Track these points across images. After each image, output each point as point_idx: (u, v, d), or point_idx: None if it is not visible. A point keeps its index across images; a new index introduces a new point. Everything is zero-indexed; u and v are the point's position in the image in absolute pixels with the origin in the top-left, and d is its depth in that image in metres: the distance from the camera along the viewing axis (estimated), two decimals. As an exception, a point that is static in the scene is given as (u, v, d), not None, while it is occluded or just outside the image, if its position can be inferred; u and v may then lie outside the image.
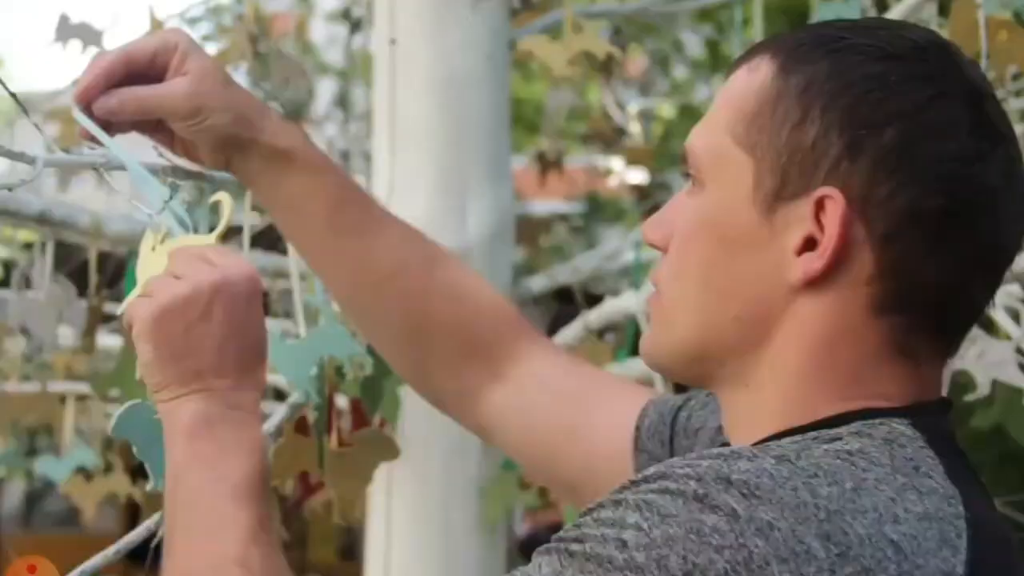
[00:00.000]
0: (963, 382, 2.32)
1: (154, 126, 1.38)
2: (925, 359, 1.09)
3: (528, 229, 6.37)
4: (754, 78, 1.11)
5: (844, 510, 0.95)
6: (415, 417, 2.92)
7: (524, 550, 1.17)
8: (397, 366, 1.46)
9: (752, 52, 1.13)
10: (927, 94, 1.06)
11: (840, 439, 1.02)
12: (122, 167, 1.33)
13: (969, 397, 2.31)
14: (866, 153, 1.05)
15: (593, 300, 3.14)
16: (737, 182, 1.09)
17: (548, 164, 4.25)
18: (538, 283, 3.28)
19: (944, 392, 2.16)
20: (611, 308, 2.97)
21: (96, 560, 1.48)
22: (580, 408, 1.43)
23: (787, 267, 1.07)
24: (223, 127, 1.35)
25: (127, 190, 1.37)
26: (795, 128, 1.07)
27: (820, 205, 1.06)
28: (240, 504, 1.14)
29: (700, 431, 1.34)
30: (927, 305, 1.07)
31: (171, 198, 1.30)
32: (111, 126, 1.33)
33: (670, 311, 1.13)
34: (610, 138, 5.22)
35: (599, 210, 6.61)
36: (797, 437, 1.03)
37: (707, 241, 1.11)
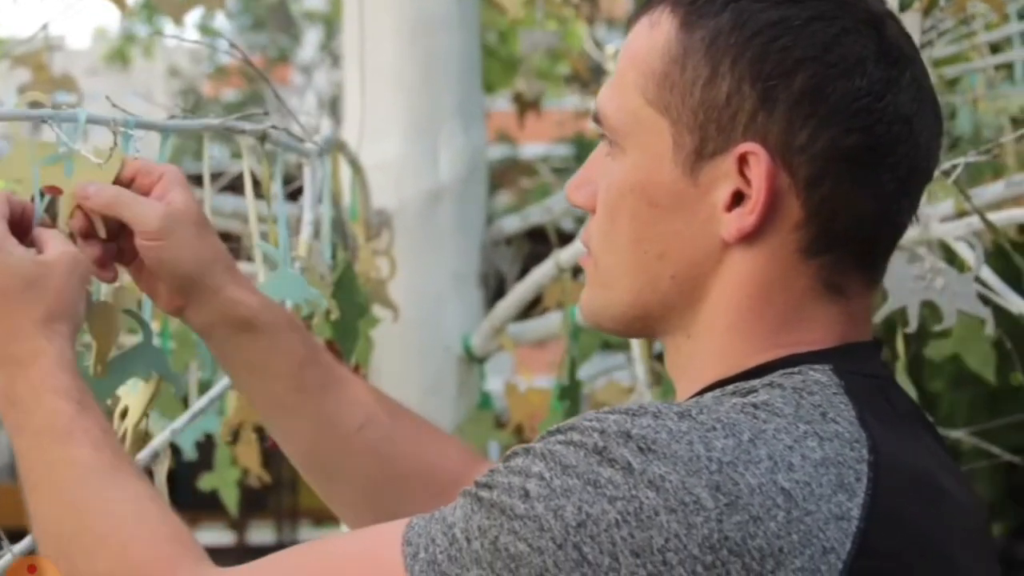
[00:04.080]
0: (929, 313, 2.34)
1: (122, 242, 1.34)
2: (854, 293, 1.11)
3: (514, 172, 6.37)
4: (657, 34, 1.11)
5: (737, 461, 0.98)
6: (389, 357, 2.95)
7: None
8: (362, 515, 1.40)
9: (650, 4, 1.13)
10: (830, 33, 1.06)
11: (754, 391, 1.04)
12: (72, 119, 1.34)
13: (936, 328, 2.33)
14: (780, 102, 1.06)
15: (566, 239, 3.15)
16: (656, 144, 1.10)
17: (526, 105, 4.24)
18: (511, 223, 3.29)
19: (912, 324, 2.20)
20: (583, 247, 2.98)
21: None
22: None
23: (718, 224, 1.08)
24: (186, 265, 1.31)
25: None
26: (706, 85, 1.07)
27: (743, 160, 1.07)
28: (64, 442, 1.18)
29: None
30: (855, 240, 1.09)
31: (115, 144, 1.31)
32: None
33: (605, 274, 1.15)
34: (589, 79, 5.20)
35: (585, 152, 6.61)
36: (717, 391, 1.06)
37: (635, 205, 1.11)
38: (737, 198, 1.08)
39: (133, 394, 1.45)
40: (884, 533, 0.99)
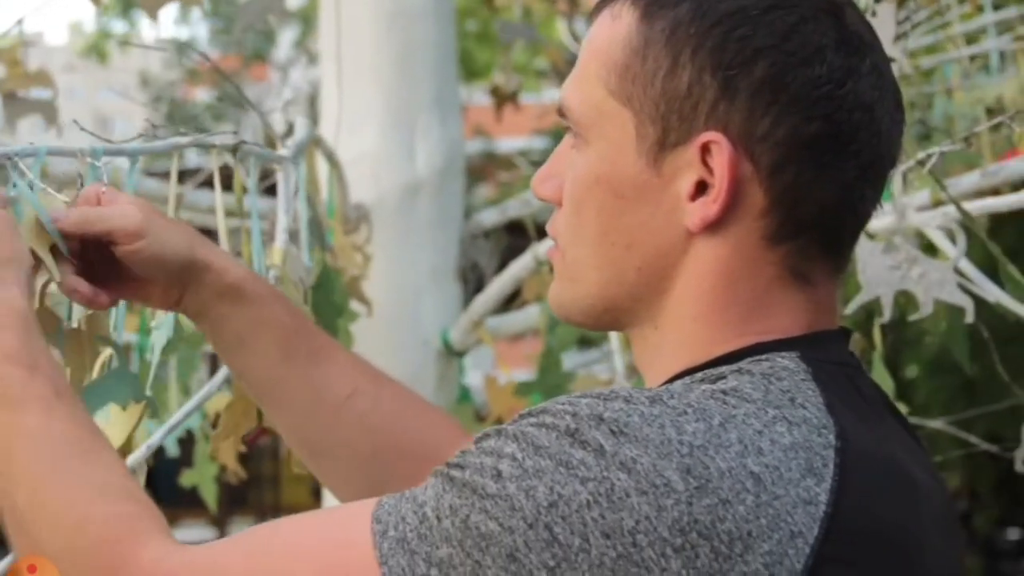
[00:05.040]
0: (905, 302, 2.35)
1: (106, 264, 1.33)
2: (820, 281, 1.11)
3: (493, 166, 6.38)
4: (618, 26, 1.11)
5: (708, 445, 0.99)
6: (368, 352, 2.94)
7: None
8: (356, 491, 1.40)
9: None
10: (789, 22, 1.07)
11: (723, 378, 1.05)
12: (33, 154, 1.31)
13: (913, 317, 2.34)
14: (741, 91, 1.06)
15: (544, 232, 3.14)
16: (620, 136, 1.11)
17: (503, 98, 4.24)
18: (489, 216, 3.29)
19: (887, 314, 2.21)
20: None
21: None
22: None
23: (682, 214, 1.09)
24: (175, 249, 1.32)
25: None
26: (667, 75, 1.08)
27: (706, 149, 1.07)
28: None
29: None
30: (819, 227, 1.09)
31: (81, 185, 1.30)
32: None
33: (573, 268, 1.15)
34: (567, 72, 5.20)
35: (563, 145, 6.60)
36: (687, 379, 1.07)
37: (600, 197, 1.12)
38: (701, 188, 1.08)
39: (107, 421, 1.43)
40: (851, 518, 1.00)
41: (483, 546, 0.99)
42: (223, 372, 1.80)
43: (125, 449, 1.46)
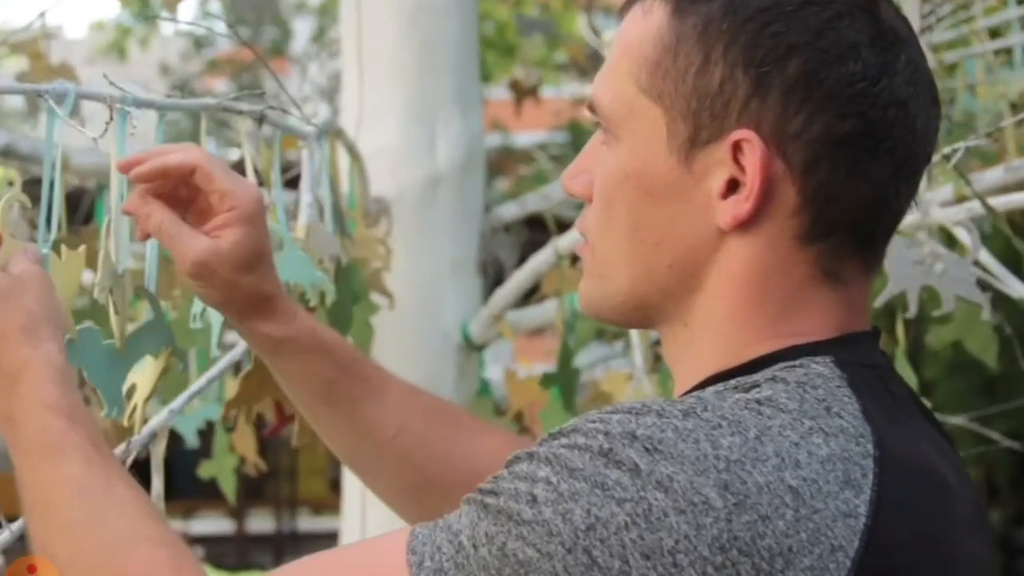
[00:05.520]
0: (928, 298, 2.34)
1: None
2: (852, 280, 1.10)
3: (511, 160, 6.37)
4: (649, 22, 1.10)
5: (744, 459, 0.97)
6: (388, 345, 2.94)
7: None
8: (407, 516, 1.44)
9: None
10: (823, 18, 1.06)
11: (757, 386, 1.04)
12: (64, 93, 1.34)
13: (936, 313, 2.33)
14: (774, 88, 1.05)
15: (564, 226, 3.14)
16: (651, 133, 1.10)
17: (523, 92, 4.24)
18: (509, 210, 3.29)
19: (913, 309, 2.20)
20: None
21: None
22: None
23: (714, 212, 1.08)
24: (214, 301, 1.35)
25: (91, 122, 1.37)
26: (699, 72, 1.07)
27: (737, 147, 1.06)
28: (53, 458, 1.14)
29: None
30: (853, 226, 1.08)
31: (111, 119, 1.31)
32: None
33: (603, 265, 1.14)
34: (587, 67, 5.20)
35: (582, 140, 6.60)
36: (720, 385, 1.05)
37: (631, 194, 1.11)
38: (732, 186, 1.07)
39: (140, 371, 1.44)
40: (890, 529, 0.99)
41: (522, 573, 0.98)
42: (232, 355, 1.80)
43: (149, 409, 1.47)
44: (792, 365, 1.05)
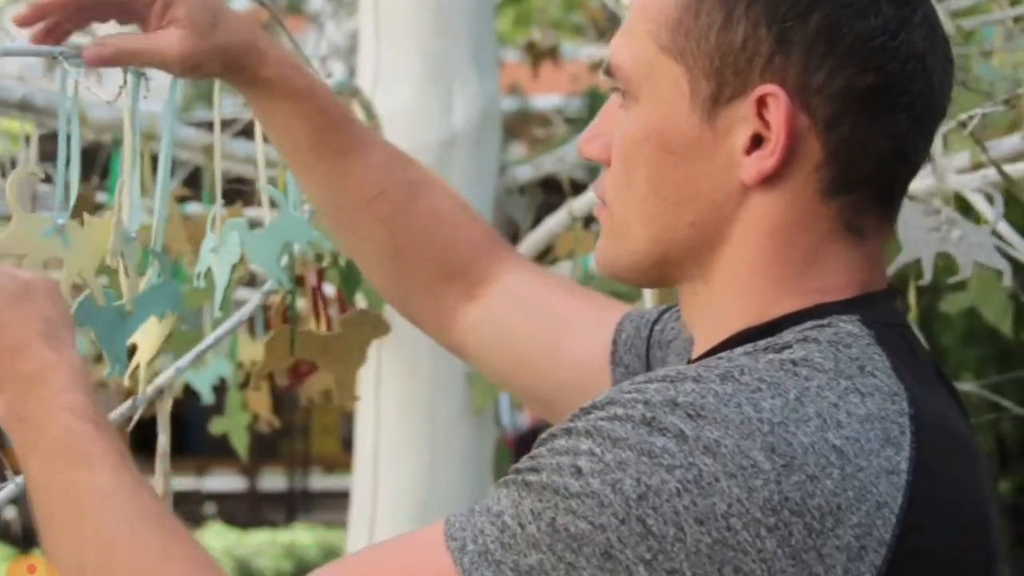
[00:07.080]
0: (942, 266, 2.34)
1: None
2: (872, 233, 1.10)
3: (528, 124, 6.36)
4: None
5: (788, 421, 0.97)
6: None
7: (526, 443, 1.20)
8: (378, 286, 1.48)
9: None
10: None
11: (789, 347, 1.03)
12: (78, 55, 1.34)
13: (952, 280, 2.33)
14: (796, 43, 1.05)
15: (579, 188, 3.14)
16: (672, 92, 1.09)
17: (540, 54, 4.23)
18: (524, 172, 3.29)
19: (927, 275, 2.20)
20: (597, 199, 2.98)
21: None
22: (557, 325, 1.44)
23: (737, 167, 1.08)
24: (217, 72, 1.35)
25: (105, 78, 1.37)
26: (722, 30, 1.07)
27: (762, 103, 1.06)
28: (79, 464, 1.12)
29: (673, 342, 1.35)
30: (874, 179, 1.09)
31: (124, 84, 1.31)
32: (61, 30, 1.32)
33: (622, 224, 1.13)
34: (605, 28, 5.18)
35: (599, 106, 6.57)
36: (749, 347, 1.05)
37: (652, 153, 1.10)
38: (756, 141, 1.07)
39: (142, 332, 1.45)
40: (930, 485, 1.00)
41: (575, 547, 0.97)
42: (241, 314, 1.82)
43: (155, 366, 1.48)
44: (821, 324, 1.05)
